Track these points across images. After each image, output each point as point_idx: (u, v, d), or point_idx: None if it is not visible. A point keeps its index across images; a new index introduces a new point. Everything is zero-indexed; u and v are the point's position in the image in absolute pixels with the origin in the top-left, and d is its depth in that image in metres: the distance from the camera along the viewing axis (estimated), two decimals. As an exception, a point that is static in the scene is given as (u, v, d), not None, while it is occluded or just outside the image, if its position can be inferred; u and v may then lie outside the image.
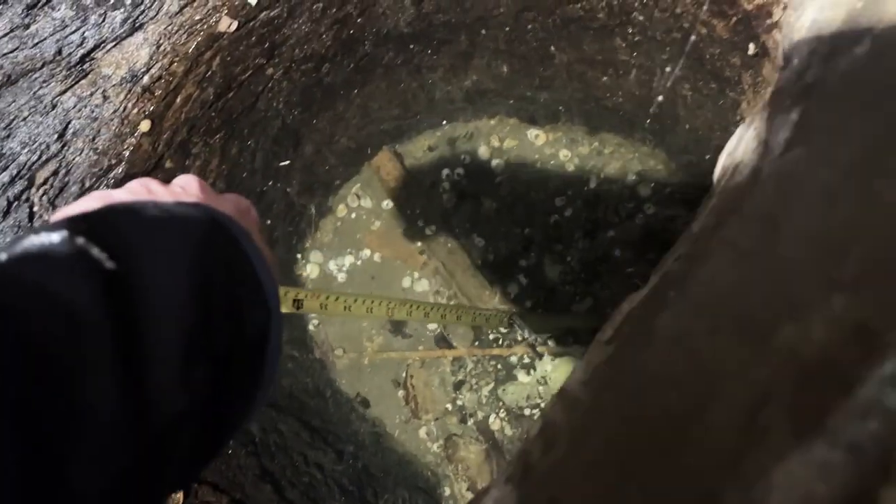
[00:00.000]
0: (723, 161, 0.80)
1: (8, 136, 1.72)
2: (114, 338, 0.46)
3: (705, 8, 1.82)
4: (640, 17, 2.01)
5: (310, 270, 2.98)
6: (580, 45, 2.33)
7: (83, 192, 1.92)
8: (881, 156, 0.49)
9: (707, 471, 0.42)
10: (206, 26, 2.00)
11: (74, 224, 0.52)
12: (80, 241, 0.49)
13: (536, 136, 2.92)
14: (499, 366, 2.74)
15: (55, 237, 0.49)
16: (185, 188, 0.76)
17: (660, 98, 2.27)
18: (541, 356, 2.68)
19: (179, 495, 1.62)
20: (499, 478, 0.69)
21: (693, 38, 1.85)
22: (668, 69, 2.16)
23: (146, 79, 1.95)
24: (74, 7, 1.69)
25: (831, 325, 0.43)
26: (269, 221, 2.77)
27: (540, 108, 2.82)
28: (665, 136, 2.58)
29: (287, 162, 2.68)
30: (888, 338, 0.42)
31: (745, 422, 0.42)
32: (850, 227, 0.48)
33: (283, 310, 1.28)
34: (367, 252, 2.99)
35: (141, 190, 0.73)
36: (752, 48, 1.69)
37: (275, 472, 2.06)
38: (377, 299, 1.69)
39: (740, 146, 0.74)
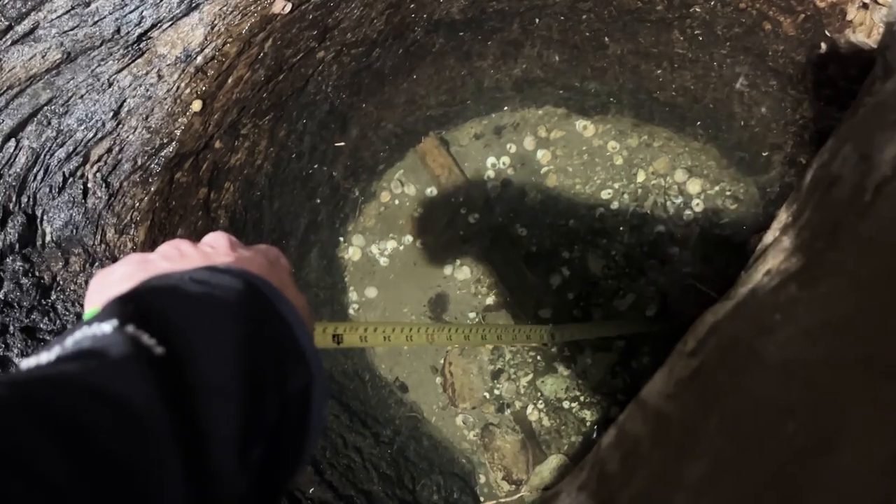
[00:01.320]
0: (813, 171, 0.76)
1: (66, 112, 1.73)
2: (177, 438, 0.45)
3: None
4: (700, 11, 1.96)
5: (352, 253, 2.98)
6: (635, 37, 2.28)
7: (135, 170, 1.94)
8: None
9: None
10: (260, 7, 1.99)
11: (122, 308, 0.53)
12: (131, 329, 0.50)
13: (584, 126, 2.87)
14: (538, 357, 2.72)
15: (106, 328, 0.49)
16: (215, 247, 0.77)
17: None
18: (582, 349, 2.66)
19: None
20: (568, 483, 0.67)
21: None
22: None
23: (200, 59, 1.95)
24: (134, -14, 1.69)
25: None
26: (318, 201, 2.77)
27: (589, 98, 2.78)
28: (718, 132, 2.53)
29: (342, 143, 2.68)
30: None
31: (891, 466, 0.39)
32: None
33: (322, 345, 1.27)
34: (409, 238, 2.98)
35: (174, 253, 0.74)
36: (823, 47, 1.63)
37: (315, 454, 2.07)
38: (416, 326, 1.68)
39: (836, 159, 0.71)
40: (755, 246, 1.26)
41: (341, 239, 2.99)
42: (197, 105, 1.99)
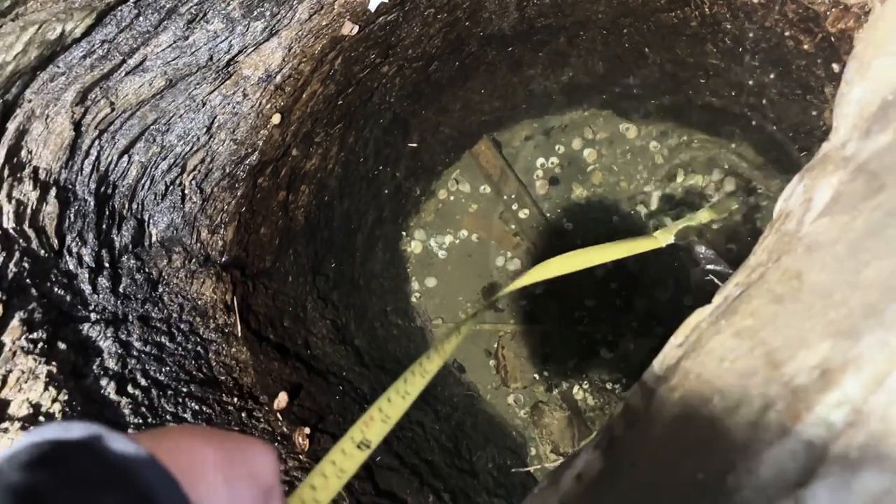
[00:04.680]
0: (779, 205, 0.88)
1: (167, 130, 1.93)
2: None
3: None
4: (730, 27, 2.05)
5: (413, 247, 3.15)
6: (673, 49, 2.37)
7: (224, 177, 2.13)
8: (871, 239, 0.60)
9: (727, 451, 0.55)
10: (330, 30, 2.15)
11: None
12: None
13: (627, 128, 2.97)
14: (583, 341, 2.85)
15: None
16: None
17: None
18: (624, 335, 2.78)
19: (305, 441, 1.82)
20: (587, 446, 0.82)
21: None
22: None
23: (279, 78, 2.12)
24: (225, 20, 1.86)
25: (815, 368, 0.56)
26: (383, 198, 2.94)
27: (632, 102, 2.87)
28: (752, 134, 2.60)
29: (415, 144, 2.85)
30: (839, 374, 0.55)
31: (756, 416, 0.55)
32: (845, 287, 0.60)
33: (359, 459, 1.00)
34: (464, 232, 3.13)
35: None
36: (836, 67, 1.72)
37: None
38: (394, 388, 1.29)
39: (793, 197, 0.83)
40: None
41: (404, 233, 3.16)
42: (276, 118, 2.17)
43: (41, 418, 1.22)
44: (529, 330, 2.89)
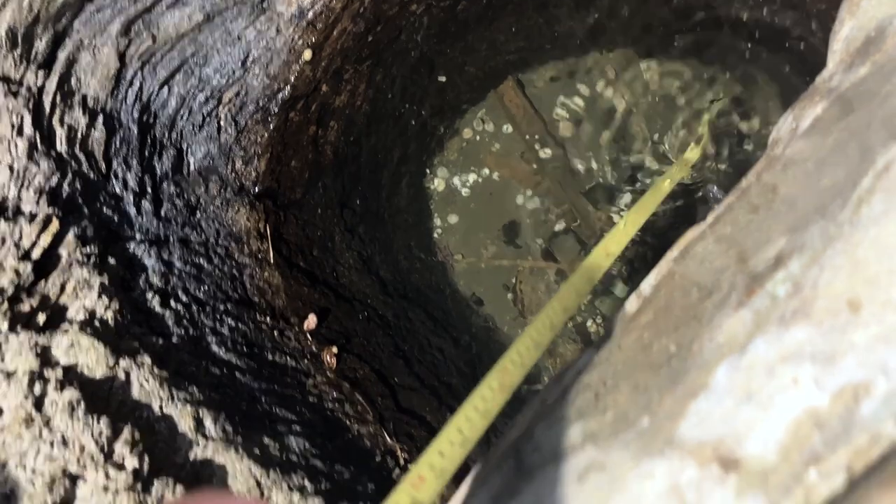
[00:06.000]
0: (773, 134, 0.95)
1: (205, 63, 2.00)
2: None
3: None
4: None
5: (436, 184, 3.22)
6: (697, -10, 2.39)
7: (257, 110, 2.21)
8: (834, 154, 0.67)
9: (700, 331, 0.64)
10: (361, -32, 2.19)
11: None
12: None
13: (651, 69, 2.98)
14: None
15: None
16: None
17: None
18: (638, 271, 2.84)
19: (333, 360, 1.94)
20: (588, 349, 0.91)
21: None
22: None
23: (311, 14, 2.17)
24: (260, -44, 1.92)
25: (772, 258, 0.65)
26: (408, 136, 3.01)
27: (657, 45, 2.88)
28: (776, 76, 2.61)
29: (444, 78, 2.89)
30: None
31: (722, 299, 0.64)
32: (808, 195, 0.68)
33: None
34: (487, 171, 3.19)
35: None
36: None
37: (405, 350, 2.36)
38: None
39: (784, 125, 0.89)
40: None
41: (428, 171, 3.22)
42: (308, 54, 2.23)
43: (96, 322, 1.33)
44: (546, 266, 2.97)
